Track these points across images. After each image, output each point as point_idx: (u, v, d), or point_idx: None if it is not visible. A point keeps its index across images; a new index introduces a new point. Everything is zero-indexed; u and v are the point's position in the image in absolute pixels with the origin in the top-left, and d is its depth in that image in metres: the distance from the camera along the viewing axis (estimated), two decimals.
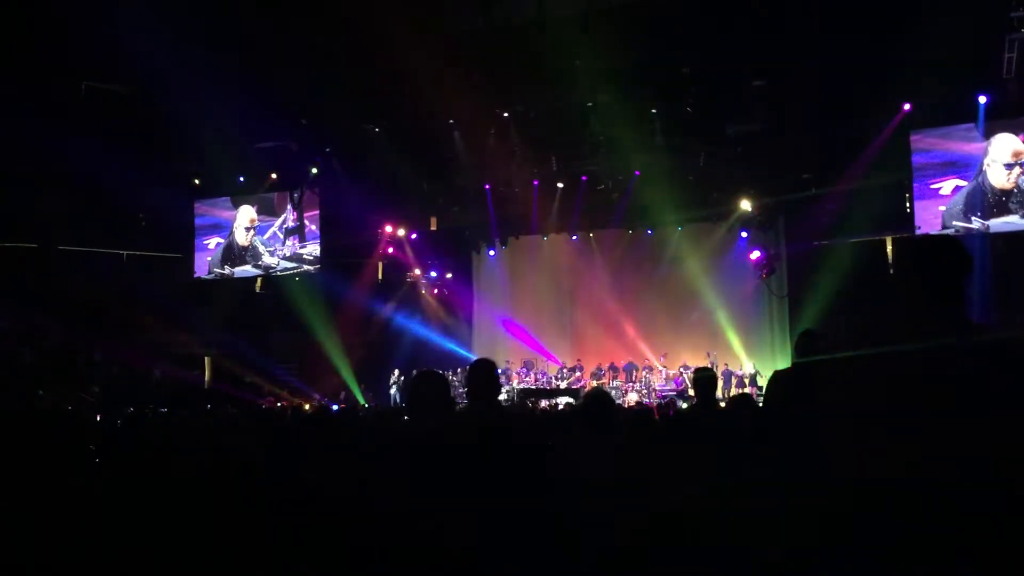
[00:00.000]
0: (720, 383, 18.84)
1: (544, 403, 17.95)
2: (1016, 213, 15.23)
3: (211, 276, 21.28)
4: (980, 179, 15.50)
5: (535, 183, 19.94)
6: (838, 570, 2.59)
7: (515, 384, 20.50)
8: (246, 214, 21.06)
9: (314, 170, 20.39)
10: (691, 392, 17.28)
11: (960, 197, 15.70)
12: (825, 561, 2.75)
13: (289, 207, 20.71)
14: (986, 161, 15.43)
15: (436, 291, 23.04)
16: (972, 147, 15.63)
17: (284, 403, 18.49)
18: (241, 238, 21.05)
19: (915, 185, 16.10)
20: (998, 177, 15.31)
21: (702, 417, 6.16)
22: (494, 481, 3.18)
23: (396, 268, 22.36)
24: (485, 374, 4.03)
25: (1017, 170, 15.19)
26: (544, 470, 3.55)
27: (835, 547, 2.62)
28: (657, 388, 19.45)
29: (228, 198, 21.30)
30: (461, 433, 3.43)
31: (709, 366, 5.85)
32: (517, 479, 3.25)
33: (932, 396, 2.41)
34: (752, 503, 4.62)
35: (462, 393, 20.09)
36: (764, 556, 4.19)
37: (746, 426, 5.48)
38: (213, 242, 21.38)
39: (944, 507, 2.31)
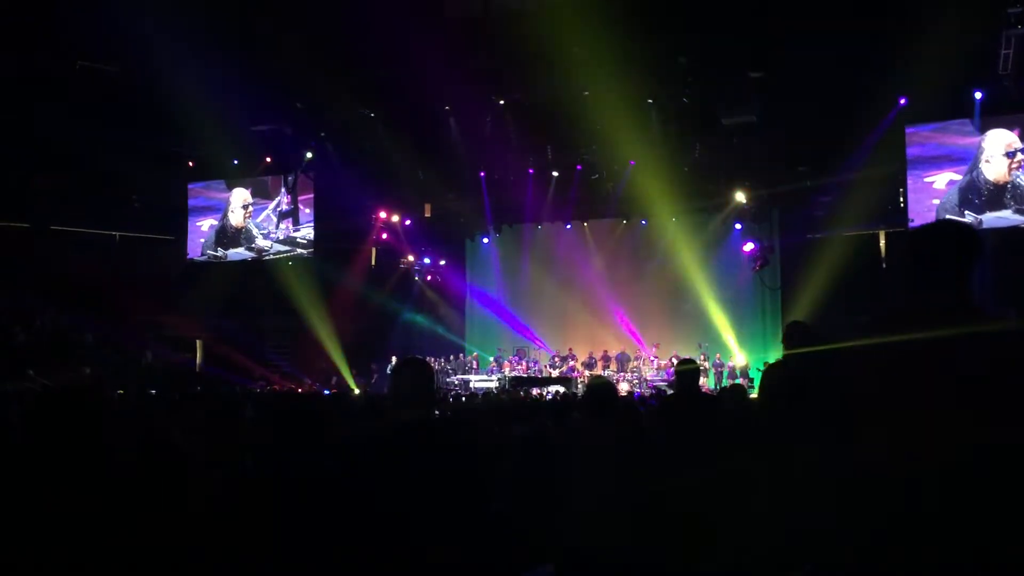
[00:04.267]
0: (712, 374, 18.94)
1: (536, 391, 17.99)
2: (1009, 208, 15.27)
3: (204, 258, 21.24)
4: (975, 173, 15.52)
5: (530, 171, 19.95)
6: (831, 562, 2.59)
7: (507, 372, 20.52)
8: (241, 195, 21.01)
9: (309, 154, 20.34)
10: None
11: (954, 191, 15.74)
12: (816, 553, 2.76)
13: (283, 190, 20.67)
14: (983, 157, 15.44)
15: (429, 278, 23.03)
16: (968, 141, 15.67)
17: (276, 387, 18.51)
18: (236, 219, 21.00)
19: (909, 178, 16.13)
20: (995, 169, 15.33)
21: (689, 406, 6.18)
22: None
23: (389, 254, 22.35)
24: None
25: (1020, 157, 15.19)
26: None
27: (826, 539, 2.62)
28: (649, 378, 19.48)
29: (222, 181, 21.24)
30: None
31: (691, 359, 5.89)
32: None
33: (937, 387, 2.37)
34: (743, 492, 4.65)
35: (448, 381, 20.17)
36: (756, 543, 4.22)
37: (736, 416, 5.53)
38: (206, 224, 21.32)
39: (950, 500, 2.29)
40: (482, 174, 20.30)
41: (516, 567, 4.29)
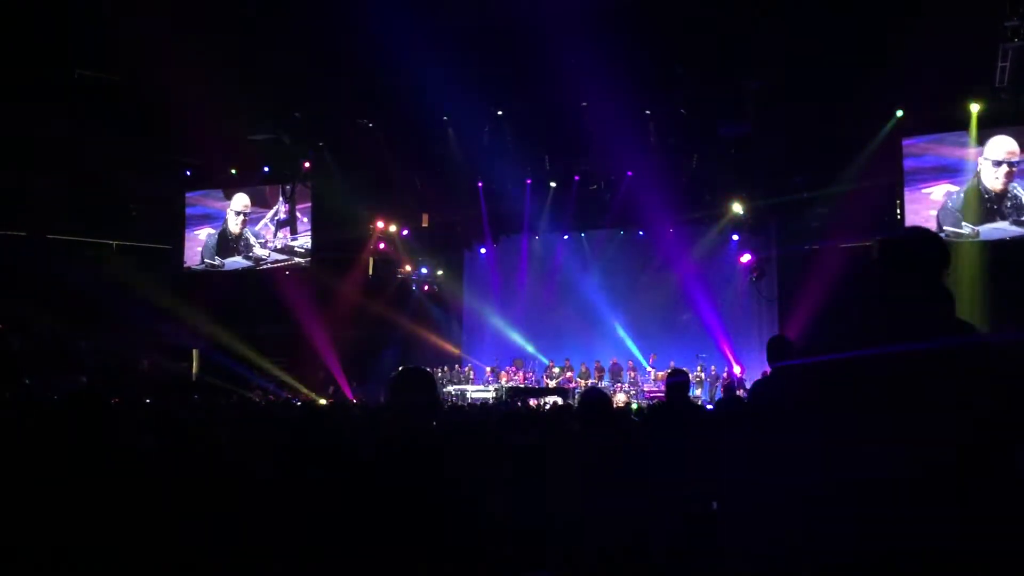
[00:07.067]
0: (707, 385, 18.93)
1: (533, 401, 17.95)
2: (1007, 219, 15.26)
3: (201, 267, 21.21)
4: (974, 181, 15.52)
5: (528, 182, 19.96)
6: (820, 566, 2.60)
7: (504, 382, 20.48)
8: (240, 200, 21.00)
9: (307, 164, 20.35)
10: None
11: (951, 202, 15.74)
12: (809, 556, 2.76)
13: (281, 199, 20.67)
14: (980, 160, 15.44)
15: (427, 288, 23.01)
16: (964, 152, 15.66)
17: (272, 397, 18.44)
18: (233, 225, 20.97)
19: (906, 190, 16.14)
20: (989, 177, 15.33)
21: (677, 416, 6.18)
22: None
23: (387, 264, 22.34)
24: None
25: (1005, 168, 15.20)
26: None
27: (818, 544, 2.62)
28: (646, 389, 19.46)
29: (220, 189, 21.23)
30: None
31: (682, 369, 5.79)
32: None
33: (916, 396, 2.38)
34: (732, 498, 4.66)
35: (446, 392, 20.12)
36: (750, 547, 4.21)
37: (727, 425, 5.54)
38: (204, 232, 21.30)
39: (929, 509, 2.30)
40: (480, 184, 20.33)
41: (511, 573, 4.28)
